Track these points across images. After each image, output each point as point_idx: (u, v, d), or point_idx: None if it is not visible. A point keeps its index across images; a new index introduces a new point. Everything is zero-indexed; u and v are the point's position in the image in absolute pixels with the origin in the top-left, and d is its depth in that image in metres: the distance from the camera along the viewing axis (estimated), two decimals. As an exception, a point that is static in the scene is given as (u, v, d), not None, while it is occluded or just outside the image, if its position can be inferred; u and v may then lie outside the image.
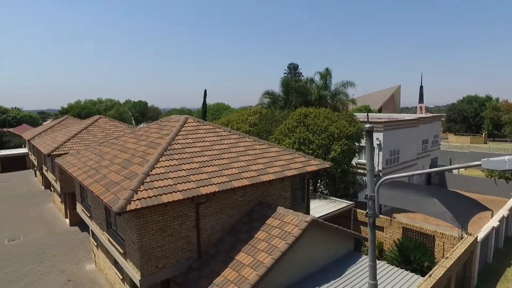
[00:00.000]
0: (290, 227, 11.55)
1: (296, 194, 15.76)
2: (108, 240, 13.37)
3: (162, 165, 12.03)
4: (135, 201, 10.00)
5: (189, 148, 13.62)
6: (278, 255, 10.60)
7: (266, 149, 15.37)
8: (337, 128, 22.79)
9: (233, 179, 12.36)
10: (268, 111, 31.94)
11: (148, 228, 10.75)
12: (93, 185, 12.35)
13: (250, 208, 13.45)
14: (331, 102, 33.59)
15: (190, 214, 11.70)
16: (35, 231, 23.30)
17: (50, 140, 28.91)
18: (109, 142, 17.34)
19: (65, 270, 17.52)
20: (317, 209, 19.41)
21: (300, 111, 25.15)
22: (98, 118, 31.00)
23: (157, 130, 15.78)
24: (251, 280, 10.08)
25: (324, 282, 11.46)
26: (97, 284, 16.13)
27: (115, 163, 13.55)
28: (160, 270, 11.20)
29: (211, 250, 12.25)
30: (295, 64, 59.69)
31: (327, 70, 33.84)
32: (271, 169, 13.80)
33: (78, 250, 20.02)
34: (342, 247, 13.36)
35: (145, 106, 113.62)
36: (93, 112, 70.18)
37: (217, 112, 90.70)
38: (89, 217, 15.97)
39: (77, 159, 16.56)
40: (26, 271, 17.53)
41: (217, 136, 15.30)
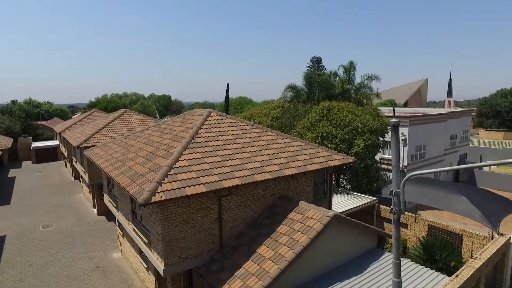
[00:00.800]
0: (312, 222, 11.49)
1: (318, 189, 15.64)
2: (134, 230, 13.78)
3: (186, 158, 12.23)
4: (159, 193, 10.23)
5: (212, 142, 13.76)
6: (299, 249, 10.58)
7: (289, 143, 15.30)
8: (360, 123, 22.35)
9: (255, 173, 12.41)
10: (290, 105, 31.73)
11: (171, 220, 11.00)
12: (119, 176, 12.73)
13: (272, 202, 13.48)
14: (355, 96, 32.94)
15: (213, 206, 11.87)
16: (66, 219, 24.37)
17: (79, 133, 30.00)
18: (134, 135, 17.78)
19: (94, 257, 18.25)
20: (340, 204, 19.21)
21: (323, 105, 24.82)
22: (123, 112, 31.83)
23: (181, 124, 16.02)
24: (272, 273, 10.13)
25: (345, 278, 11.36)
26: (123, 271, 16.71)
27: (140, 156, 13.90)
28: (183, 260, 11.46)
29: (233, 242, 12.40)
30: (318, 58, 58.69)
31: (351, 63, 33.16)
32: (293, 163, 13.75)
33: (105, 238, 20.77)
34: (364, 243, 13.17)
35: (168, 100, 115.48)
36: (119, 106, 72.17)
37: (239, 106, 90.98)
38: (115, 207, 16.50)
39: (104, 151, 17.10)
40: (60, 256, 18.41)
41: (239, 129, 15.37)
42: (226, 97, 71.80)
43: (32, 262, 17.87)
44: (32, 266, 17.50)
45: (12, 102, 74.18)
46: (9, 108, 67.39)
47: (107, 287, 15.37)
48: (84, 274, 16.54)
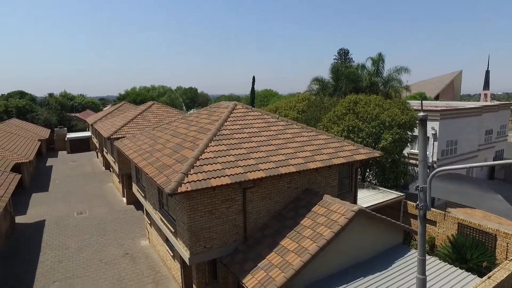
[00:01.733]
0: (336, 216, 11.43)
1: (343, 183, 15.48)
2: (160, 219, 14.23)
3: (211, 150, 12.44)
4: (185, 184, 10.51)
5: (237, 134, 13.90)
6: (323, 243, 10.57)
7: (314, 136, 15.20)
8: (388, 116, 21.79)
9: (280, 166, 12.45)
10: (316, 98, 31.38)
11: (197, 210, 11.27)
12: (147, 167, 13.15)
13: (296, 195, 13.49)
14: (383, 89, 32.05)
15: (237, 198, 12.05)
16: (97, 207, 25.50)
17: (110, 125, 31.10)
18: (161, 127, 18.25)
19: (123, 244, 19.04)
20: (365, 199, 18.92)
21: (350, 98, 24.38)
22: (151, 104, 32.62)
23: (207, 116, 16.27)
24: (295, 265, 10.20)
25: (369, 273, 11.25)
26: (151, 258, 17.34)
27: (167, 147, 14.27)
28: (207, 250, 11.74)
29: (257, 234, 12.55)
30: (345, 49, 57.44)
31: (380, 55, 32.21)
32: (318, 156, 13.66)
33: (134, 226, 21.58)
34: (390, 239, 12.94)
35: (195, 93, 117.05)
36: (147, 98, 73.98)
37: (265, 99, 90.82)
38: (143, 196, 17.08)
39: (133, 142, 17.68)
40: (92, 242, 19.35)
41: (265, 122, 15.42)
42: (251, 89, 71.89)
43: (68, 246, 18.90)
44: (68, 249, 18.51)
45: (49, 95, 77.85)
46: (46, 101, 70.83)
47: (136, 272, 16.02)
48: (115, 259, 17.31)
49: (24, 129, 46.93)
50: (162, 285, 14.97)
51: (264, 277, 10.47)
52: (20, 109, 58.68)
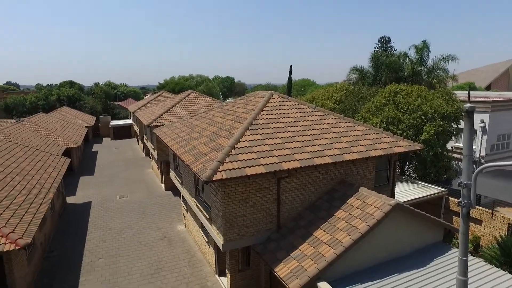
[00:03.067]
0: (372, 209, 11.15)
1: (380, 176, 15.02)
2: (196, 205, 14.67)
3: (247, 139, 12.55)
4: (220, 172, 10.71)
5: (273, 124, 13.89)
6: (357, 236, 10.39)
7: (351, 127, 14.83)
8: (431, 108, 20.71)
9: (315, 156, 12.31)
10: (355, 88, 30.49)
11: (232, 198, 11.48)
12: (184, 154, 13.54)
13: (331, 186, 13.31)
14: (426, 78, 30.44)
15: (272, 187, 12.10)
16: (138, 191, 26.77)
17: (150, 113, 32.27)
18: (199, 115, 18.64)
19: (161, 228, 19.90)
20: (403, 193, 18.27)
21: (390, 88, 23.43)
22: (189, 93, 33.35)
23: (243, 105, 16.38)
24: (328, 257, 10.13)
25: (405, 270, 10.88)
26: (187, 243, 18.00)
27: (203, 135, 14.59)
28: (241, 237, 11.97)
29: (290, 224, 12.58)
30: (387, 37, 54.98)
31: (424, 43, 30.48)
32: (355, 148, 13.34)
33: (171, 211, 22.44)
34: (429, 236, 12.40)
35: (232, 82, 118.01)
36: (185, 88, 75.72)
37: (302, 88, 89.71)
38: (180, 183, 17.66)
39: (171, 130, 18.25)
40: (133, 224, 20.43)
41: (301, 112, 15.26)
42: (288, 79, 71.16)
43: (111, 227, 20.09)
44: (111, 230, 19.68)
45: (95, 85, 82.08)
46: (92, 90, 74.80)
47: (172, 255, 16.71)
48: (153, 241, 18.16)
49: (73, 117, 49.99)
50: (196, 268, 15.52)
51: (296, 267, 10.52)
52: (70, 97, 62.46)
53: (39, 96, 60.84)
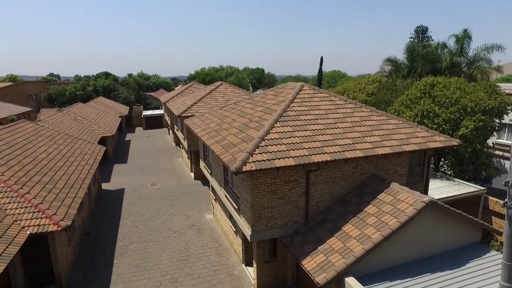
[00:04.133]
0: (404, 206, 10.82)
1: (413, 171, 14.52)
2: (225, 195, 14.87)
3: (277, 131, 12.50)
4: (250, 163, 10.76)
5: (303, 116, 13.74)
6: (387, 232, 10.14)
7: (384, 120, 14.39)
8: (471, 101, 19.62)
9: (346, 150, 12.08)
10: (388, 80, 29.45)
11: (260, 189, 11.53)
12: (214, 145, 13.72)
13: (362, 181, 13.04)
14: (466, 70, 28.83)
15: (301, 180, 12.03)
16: (168, 180, 27.53)
17: (180, 103, 32.88)
18: (228, 106, 18.77)
19: (190, 216, 20.39)
20: (438, 190, 17.57)
21: (426, 80, 22.41)
22: (219, 84, 33.61)
23: (273, 97, 16.30)
24: (356, 253, 9.98)
25: (437, 269, 10.52)
26: (215, 232, 18.34)
27: (233, 126, 14.68)
28: (269, 229, 12.03)
29: (318, 217, 12.48)
30: (423, 27, 52.51)
31: (465, 32, 28.76)
32: (387, 142, 12.95)
33: (200, 201, 22.92)
34: (465, 236, 11.89)
35: (262, 73, 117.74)
36: (215, 79, 76.48)
37: (333, 80, 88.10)
38: (209, 173, 17.95)
39: (201, 121, 18.51)
40: (163, 212, 21.08)
41: (332, 104, 14.98)
42: (319, 70, 70.03)
43: (143, 213, 20.84)
44: (143, 216, 20.42)
45: (128, 76, 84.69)
46: (126, 81, 77.22)
47: (201, 243, 17.11)
48: (182, 229, 18.66)
49: (108, 106, 51.91)
50: (223, 257, 15.81)
51: (323, 261, 10.45)
52: (105, 88, 64.85)
53: (77, 87, 63.67)
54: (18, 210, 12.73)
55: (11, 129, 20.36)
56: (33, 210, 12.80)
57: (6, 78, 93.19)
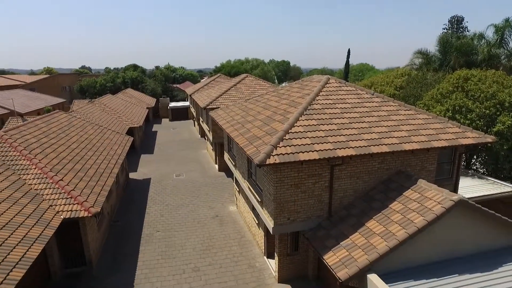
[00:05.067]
0: (431, 204, 10.48)
1: (442, 169, 14.02)
2: (248, 188, 14.98)
3: (301, 124, 12.41)
4: (274, 156, 10.76)
5: (328, 109, 13.55)
6: (413, 230, 9.88)
7: (413, 115, 13.94)
8: (510, 95, 18.63)
9: (372, 144, 11.83)
10: (418, 73, 28.49)
11: (284, 183, 11.52)
12: (238, 137, 13.80)
13: (387, 177, 12.75)
14: (506, 62, 27.34)
15: (325, 174, 11.92)
16: (193, 171, 28.04)
17: (206, 95, 33.25)
18: (253, 99, 18.78)
19: (213, 207, 20.72)
20: (468, 189, 16.89)
21: (459, 73, 21.46)
22: (245, 77, 33.65)
23: (299, 90, 16.16)
24: (380, 249, 9.82)
25: (466, 271, 10.05)
26: (237, 223, 18.56)
27: (258, 119, 14.70)
28: (291, 222, 12.03)
29: (342, 212, 12.35)
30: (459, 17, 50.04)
31: (507, 21, 27.16)
32: (415, 137, 12.55)
33: (223, 192, 23.21)
34: (498, 239, 11.28)
35: (287, 66, 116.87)
36: (240, 71, 76.65)
37: (360, 73, 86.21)
38: (233, 165, 18.11)
39: (226, 113, 18.65)
40: (187, 202, 21.54)
41: (358, 98, 14.67)
42: (346, 63, 68.67)
43: (168, 203, 21.39)
44: (168, 206, 20.96)
45: (155, 68, 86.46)
46: (153, 73, 78.89)
47: (223, 234, 17.38)
48: (206, 220, 19.01)
49: (136, 98, 53.29)
50: (245, 249, 15.99)
51: (345, 256, 10.36)
52: (134, 80, 66.56)
53: (107, 79, 65.74)
54: (53, 195, 13.43)
55: (47, 119, 21.37)
56: (66, 196, 13.46)
57: (43, 71, 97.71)
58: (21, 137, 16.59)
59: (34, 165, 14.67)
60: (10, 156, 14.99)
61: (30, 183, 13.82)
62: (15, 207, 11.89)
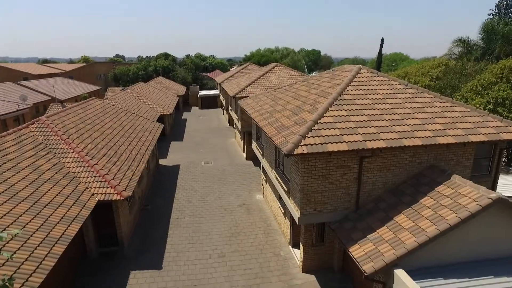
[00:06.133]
0: (466, 201, 10.05)
1: (480, 164, 13.36)
2: (275, 177, 15.01)
3: (331, 115, 12.21)
4: (302, 146, 10.70)
5: (359, 100, 13.23)
6: (444, 227, 9.54)
7: (449, 107, 13.32)
8: (559, 89, 17.35)
9: (403, 137, 11.46)
10: (457, 63, 27.05)
11: (311, 173, 11.45)
12: (267, 127, 13.81)
13: (419, 171, 12.34)
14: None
15: (353, 166, 11.72)
16: (221, 159, 28.45)
17: (235, 84, 33.37)
18: (283, 88, 18.65)
19: (240, 195, 20.98)
20: (508, 187, 16.03)
21: (504, 63, 20.17)
22: (274, 66, 33.41)
23: (329, 80, 15.86)
24: (408, 245, 9.58)
25: (503, 273, 9.54)
26: (263, 212, 18.72)
27: (287, 109, 14.61)
28: (317, 213, 11.98)
29: (369, 205, 12.13)
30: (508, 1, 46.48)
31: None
32: (451, 131, 12.01)
33: (250, 181, 23.42)
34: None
35: (318, 55, 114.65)
36: (270, 60, 76.16)
37: (393, 63, 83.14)
38: (261, 154, 18.18)
39: (255, 102, 18.66)
40: (215, 189, 21.96)
41: (391, 89, 14.19)
42: (379, 53, 66.30)
43: (196, 189, 21.89)
44: (196, 192, 21.47)
45: (186, 57, 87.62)
46: (184, 62, 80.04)
47: (249, 222, 17.60)
48: (232, 207, 19.31)
49: (167, 86, 54.41)
50: (271, 237, 16.13)
51: (372, 250, 10.21)
52: (165, 68, 67.91)
53: (139, 67, 67.49)
54: (89, 178, 14.13)
55: (84, 105, 22.34)
56: (101, 179, 14.11)
57: (81, 60, 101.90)
58: (60, 122, 17.48)
59: (72, 149, 15.45)
60: (51, 140, 15.86)
61: (69, 166, 14.60)
62: (56, 188, 12.65)
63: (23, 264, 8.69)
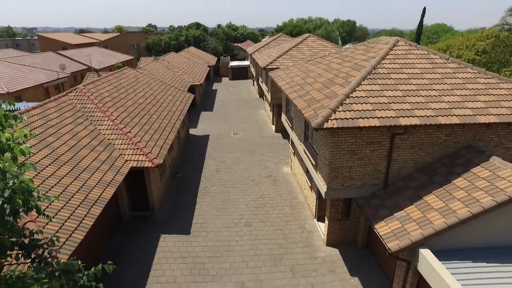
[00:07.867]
0: (505, 184, 9.56)
1: (523, 146, 12.55)
2: (304, 150, 14.95)
3: (364, 89, 11.80)
4: (332, 120, 10.50)
5: (395, 74, 12.64)
6: (478, 210, 9.18)
7: (494, 84, 12.44)
8: None
9: (440, 114, 10.92)
10: (510, 35, 24.91)
11: (340, 148, 11.29)
12: (297, 99, 13.60)
13: (454, 150, 11.81)
14: None
15: (384, 143, 11.41)
16: (250, 130, 28.60)
17: (266, 55, 32.78)
18: (315, 60, 18.13)
19: (268, 167, 21.18)
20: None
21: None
22: (307, 37, 32.36)
23: (363, 52, 15.20)
24: (436, 225, 9.35)
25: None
26: (290, 185, 18.86)
27: (318, 82, 14.26)
28: (344, 188, 11.90)
29: (399, 183, 11.87)
30: None
31: None
32: (494, 109, 11.28)
33: (278, 153, 23.49)
34: None
35: (353, 26, 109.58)
36: (303, 31, 73.79)
37: (434, 35, 78.01)
38: (290, 127, 18.07)
39: (286, 74, 18.33)
40: (243, 160, 22.28)
41: (430, 63, 13.40)
42: (419, 24, 62.28)
43: (225, 160, 22.32)
44: (224, 162, 21.89)
45: (217, 26, 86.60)
46: (215, 32, 79.29)
47: (276, 193, 17.84)
48: (260, 178, 19.58)
49: (198, 56, 54.43)
50: (297, 210, 16.33)
51: (398, 228, 10.08)
52: (196, 38, 67.70)
53: (171, 37, 67.71)
54: (122, 146, 14.75)
55: (118, 75, 22.92)
56: (133, 147, 14.68)
57: (115, 29, 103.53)
58: (96, 91, 18.11)
59: (107, 117, 16.07)
60: (88, 108, 16.54)
61: (104, 133, 15.25)
62: (93, 154, 13.33)
63: (66, 222, 9.41)
